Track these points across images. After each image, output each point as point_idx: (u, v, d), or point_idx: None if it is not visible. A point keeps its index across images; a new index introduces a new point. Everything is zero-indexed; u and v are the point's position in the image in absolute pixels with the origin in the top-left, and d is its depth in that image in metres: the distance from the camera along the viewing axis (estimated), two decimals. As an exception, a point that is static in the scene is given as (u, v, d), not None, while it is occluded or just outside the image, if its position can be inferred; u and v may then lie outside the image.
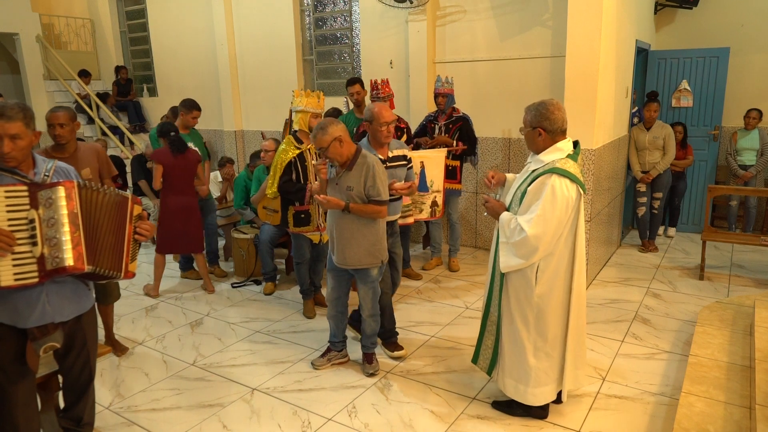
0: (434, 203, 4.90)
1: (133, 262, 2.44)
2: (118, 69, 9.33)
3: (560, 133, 2.73)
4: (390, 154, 3.71)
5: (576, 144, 2.79)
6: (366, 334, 3.57)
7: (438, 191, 4.90)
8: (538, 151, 2.76)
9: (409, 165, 3.87)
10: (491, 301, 2.98)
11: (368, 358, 3.57)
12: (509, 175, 3.07)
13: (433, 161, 4.87)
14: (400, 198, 3.75)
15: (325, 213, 4.25)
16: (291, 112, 4.26)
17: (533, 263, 2.73)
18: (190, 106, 5.20)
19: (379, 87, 4.93)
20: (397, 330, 3.86)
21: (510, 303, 2.87)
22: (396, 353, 3.73)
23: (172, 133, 4.76)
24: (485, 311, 3.03)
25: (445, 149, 4.95)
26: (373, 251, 3.31)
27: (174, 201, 4.80)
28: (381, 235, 3.34)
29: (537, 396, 2.90)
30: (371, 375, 3.51)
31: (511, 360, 2.93)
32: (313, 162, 4.03)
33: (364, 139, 3.67)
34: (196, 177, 4.94)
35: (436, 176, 4.91)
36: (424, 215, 4.92)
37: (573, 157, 2.71)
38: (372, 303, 3.46)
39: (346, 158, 3.24)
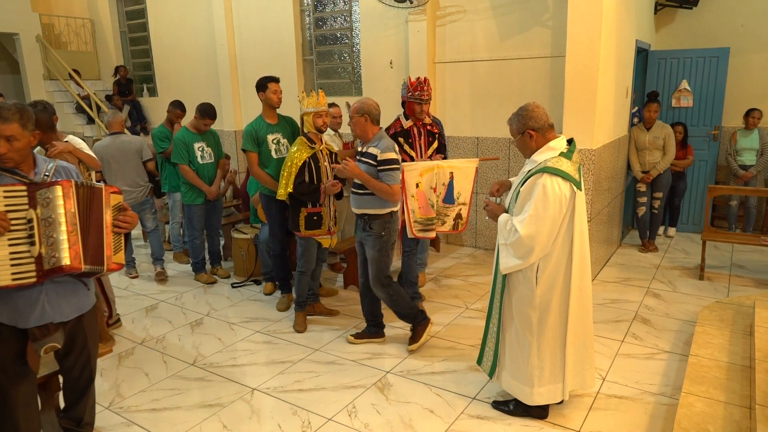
0: (458, 216, 4.57)
1: (117, 253, 2.37)
2: (117, 69, 9.32)
3: (549, 128, 2.76)
4: (361, 149, 3.77)
5: (570, 141, 2.80)
6: None
7: (464, 204, 4.52)
8: (533, 154, 2.78)
9: (382, 167, 3.60)
10: (493, 303, 2.99)
11: None
12: (513, 179, 3.08)
13: (462, 172, 4.47)
14: (368, 193, 3.68)
15: (335, 216, 4.27)
16: (301, 117, 4.15)
17: (533, 263, 2.74)
18: (203, 113, 5.00)
19: (424, 88, 4.29)
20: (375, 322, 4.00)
21: (512, 304, 2.88)
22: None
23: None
24: (488, 313, 3.04)
25: (477, 160, 4.56)
26: None
27: None
28: None
29: (543, 395, 2.90)
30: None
31: (515, 361, 2.93)
32: (326, 163, 4.08)
33: None
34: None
35: (464, 188, 4.53)
36: (446, 227, 4.56)
37: (567, 155, 2.71)
38: None
39: None
